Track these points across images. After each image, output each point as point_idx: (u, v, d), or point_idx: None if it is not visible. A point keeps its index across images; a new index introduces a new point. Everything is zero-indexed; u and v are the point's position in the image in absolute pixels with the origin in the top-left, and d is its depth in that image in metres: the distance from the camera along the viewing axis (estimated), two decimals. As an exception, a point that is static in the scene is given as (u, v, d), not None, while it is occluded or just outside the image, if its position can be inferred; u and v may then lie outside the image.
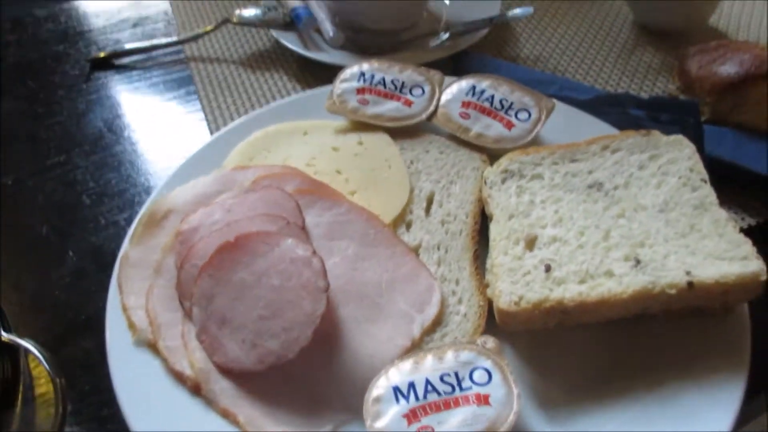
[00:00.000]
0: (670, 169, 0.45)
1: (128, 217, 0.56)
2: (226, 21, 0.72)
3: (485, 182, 0.48)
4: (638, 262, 0.39)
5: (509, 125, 0.53)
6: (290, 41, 0.69)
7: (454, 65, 0.65)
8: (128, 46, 0.74)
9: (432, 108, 0.55)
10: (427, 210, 0.49)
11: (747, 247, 0.39)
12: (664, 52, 0.69)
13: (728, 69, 0.54)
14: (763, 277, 0.37)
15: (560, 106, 0.54)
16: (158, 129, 0.65)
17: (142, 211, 0.49)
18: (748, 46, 0.56)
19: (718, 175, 0.46)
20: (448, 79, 0.57)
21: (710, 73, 0.55)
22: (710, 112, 0.55)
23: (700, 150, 0.48)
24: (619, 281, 0.39)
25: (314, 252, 0.42)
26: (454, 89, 0.55)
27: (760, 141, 0.52)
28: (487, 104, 0.54)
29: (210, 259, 0.42)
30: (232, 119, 0.63)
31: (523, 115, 0.53)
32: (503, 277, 0.41)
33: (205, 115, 0.65)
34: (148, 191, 0.58)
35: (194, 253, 0.44)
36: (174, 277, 0.44)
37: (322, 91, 0.59)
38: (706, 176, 0.44)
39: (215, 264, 0.42)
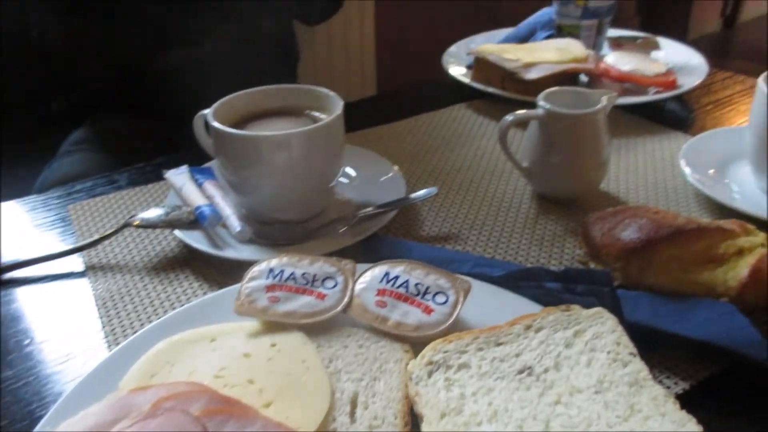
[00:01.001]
0: (597, 345, 0.43)
1: (5, 462, 0.48)
2: (127, 224, 0.69)
3: (410, 378, 0.44)
4: (585, 455, 0.36)
5: (428, 310, 0.51)
6: (195, 240, 0.66)
7: (365, 250, 0.65)
8: (19, 258, 0.69)
9: (346, 299, 0.53)
10: (352, 414, 0.45)
11: (692, 425, 0.37)
12: (566, 218, 0.71)
13: (630, 235, 0.56)
14: (716, 458, 0.35)
15: (477, 285, 0.53)
16: (49, 350, 0.58)
17: (18, 458, 0.42)
18: (643, 211, 0.59)
19: (642, 341, 0.46)
20: (360, 266, 0.55)
21: (614, 239, 0.57)
22: (621, 277, 0.56)
23: (620, 318, 0.47)
24: (569, 480, 0.35)
25: (225, 488, 0.36)
26: (368, 277, 0.54)
27: (673, 302, 0.53)
28: (402, 290, 0.52)
29: None
30: (135, 331, 0.58)
31: (440, 299, 0.51)
32: (443, 491, 0.36)
33: (103, 328, 0.59)
34: (32, 426, 0.50)
35: (80, 507, 0.37)
36: None
37: (230, 291, 0.56)
38: (634, 349, 0.43)
39: None
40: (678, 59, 1.06)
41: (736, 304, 0.53)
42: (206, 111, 0.69)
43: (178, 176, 0.77)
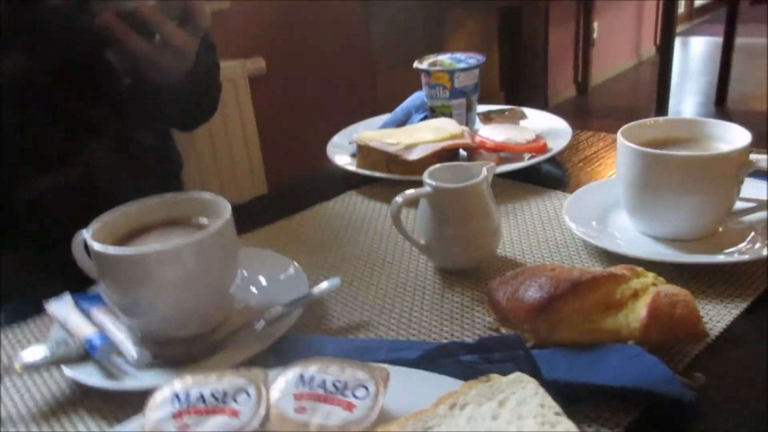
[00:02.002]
0: (522, 412, 0.43)
1: None
2: (7, 371, 0.63)
3: (341, 484, 0.41)
4: None
5: (350, 407, 0.48)
6: (88, 375, 0.61)
7: (276, 355, 0.62)
8: None
9: (263, 411, 0.49)
10: None
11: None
12: (471, 288, 0.72)
13: (533, 295, 0.57)
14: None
15: (395, 371, 0.52)
16: None
17: None
18: (541, 270, 0.60)
19: (564, 397, 0.46)
20: (272, 372, 0.52)
21: (519, 302, 0.58)
22: (532, 337, 0.57)
23: (540, 379, 0.47)
24: None
25: None
26: (282, 384, 0.51)
27: (585, 353, 0.54)
28: (320, 391, 0.50)
29: None
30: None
31: (361, 392, 0.49)
32: None
33: (-16, 496, 0.52)
34: None
35: None
36: None
37: (130, 425, 0.51)
38: (559, 408, 0.42)
39: None
40: (544, 125, 1.14)
41: (642, 344, 0.55)
42: (84, 231, 0.65)
43: (62, 307, 0.72)
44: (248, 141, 2.20)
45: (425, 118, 1.17)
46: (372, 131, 1.09)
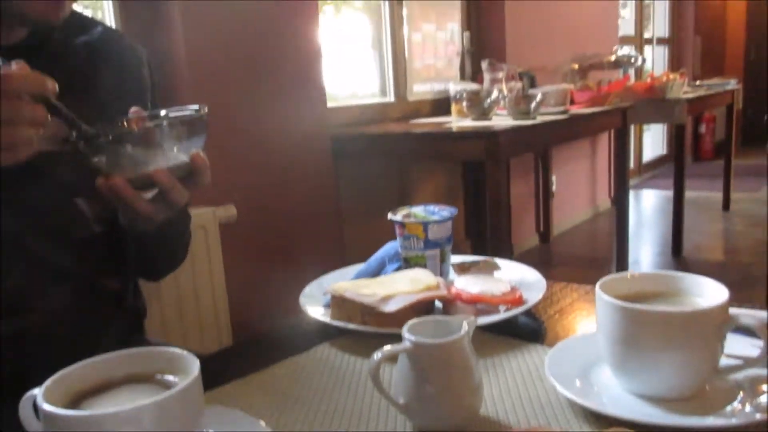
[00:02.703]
0: None
1: None
2: None
3: None
4: None
5: None
6: None
7: None
8: None
9: None
10: None
11: None
12: (453, 453, 0.67)
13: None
14: None
15: None
16: None
17: None
18: (531, 435, 0.57)
19: None
20: None
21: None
22: None
23: None
24: None
25: None
26: None
27: None
28: None
29: None
30: None
31: None
32: None
33: None
34: None
35: None
36: None
37: None
38: None
39: None
40: (517, 277, 1.14)
41: None
42: (35, 391, 0.59)
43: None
44: (215, 289, 2.15)
45: (399, 268, 1.17)
46: (346, 282, 1.07)
